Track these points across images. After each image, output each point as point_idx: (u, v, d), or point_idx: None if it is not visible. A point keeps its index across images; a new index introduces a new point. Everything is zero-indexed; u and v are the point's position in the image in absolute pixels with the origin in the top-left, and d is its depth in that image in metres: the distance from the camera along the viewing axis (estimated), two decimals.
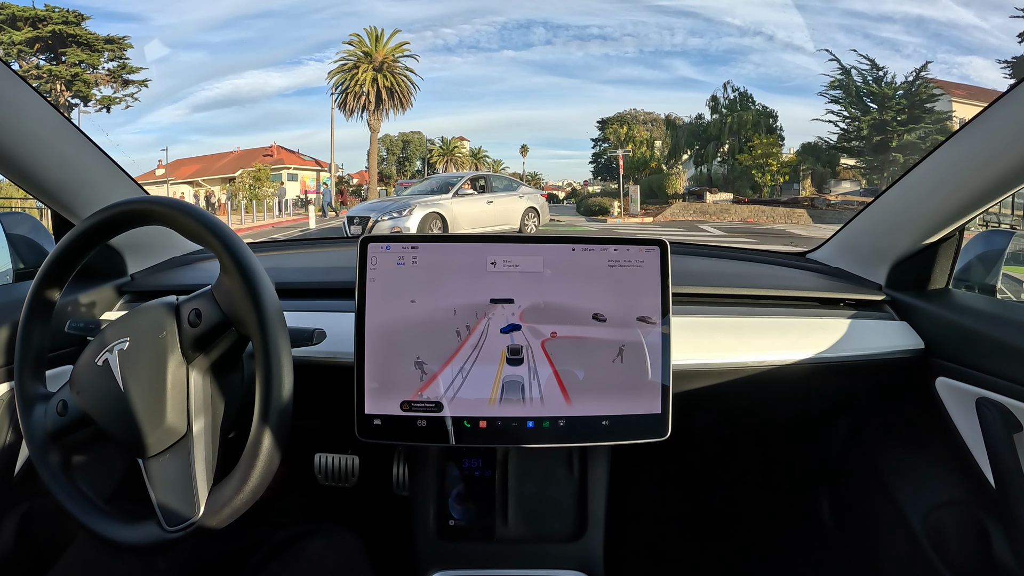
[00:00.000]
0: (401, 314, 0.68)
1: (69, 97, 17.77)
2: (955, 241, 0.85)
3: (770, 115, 20.54)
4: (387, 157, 29.68)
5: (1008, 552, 0.72)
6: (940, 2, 19.64)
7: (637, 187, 19.31)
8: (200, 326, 0.57)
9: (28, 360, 0.62)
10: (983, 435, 0.72)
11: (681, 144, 22.51)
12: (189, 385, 0.57)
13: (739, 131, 20.13)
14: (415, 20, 32.63)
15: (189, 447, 0.57)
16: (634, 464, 0.94)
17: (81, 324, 0.68)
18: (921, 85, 17.14)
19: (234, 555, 0.76)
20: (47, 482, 0.60)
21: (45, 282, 0.62)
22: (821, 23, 23.44)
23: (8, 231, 0.92)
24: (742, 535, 1.19)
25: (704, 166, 21.58)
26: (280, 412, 0.54)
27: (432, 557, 0.82)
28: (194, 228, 0.57)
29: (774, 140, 19.75)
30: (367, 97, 23.51)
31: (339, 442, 0.97)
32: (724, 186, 20.00)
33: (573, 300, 0.69)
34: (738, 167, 19.76)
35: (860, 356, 0.82)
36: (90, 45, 17.75)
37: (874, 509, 0.96)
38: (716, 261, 1.14)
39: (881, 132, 17.51)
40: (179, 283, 0.91)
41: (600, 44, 30.21)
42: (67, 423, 0.60)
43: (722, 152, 20.82)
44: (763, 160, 19.12)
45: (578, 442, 0.71)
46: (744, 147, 19.71)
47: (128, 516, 0.58)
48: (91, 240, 0.62)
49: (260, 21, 34.23)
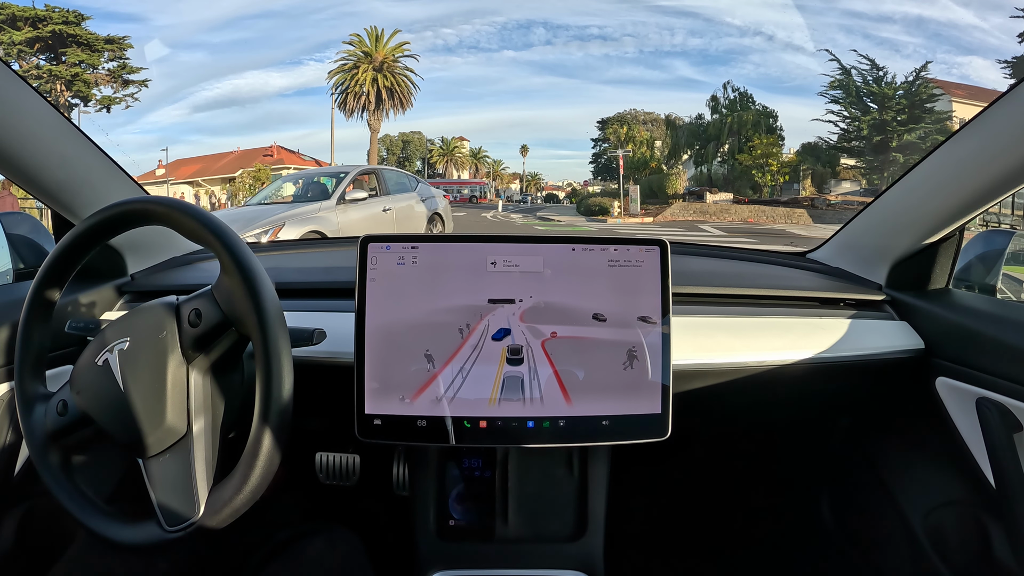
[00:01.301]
0: (401, 314, 0.68)
1: (69, 97, 17.73)
2: (955, 241, 0.85)
3: (770, 115, 20.52)
4: (387, 157, 29.65)
5: (1008, 552, 0.72)
6: (940, 2, 19.60)
7: (637, 187, 19.27)
8: (200, 326, 0.57)
9: (28, 360, 0.62)
10: (983, 435, 0.72)
11: (681, 144, 22.47)
12: (189, 385, 0.57)
13: (739, 131, 20.14)
14: (415, 20, 32.68)
15: (189, 447, 0.57)
16: (634, 464, 0.94)
17: (81, 324, 0.68)
18: (921, 85, 17.16)
19: (234, 555, 0.76)
20: (47, 482, 0.60)
21: (45, 282, 0.62)
22: (821, 23, 23.45)
23: (8, 231, 0.92)
24: (742, 535, 1.19)
25: (704, 166, 21.55)
26: (280, 412, 0.54)
27: (432, 557, 0.82)
28: (194, 228, 0.57)
29: (774, 140, 20.01)
30: (367, 97, 23.50)
31: (339, 442, 0.97)
32: (724, 186, 19.99)
33: (573, 300, 0.69)
34: (738, 167, 20.05)
35: (860, 356, 0.82)
36: (90, 45, 17.76)
37: (874, 509, 0.96)
38: (716, 261, 1.14)
39: (881, 132, 17.53)
40: (179, 283, 0.92)
41: (600, 44, 30.20)
42: (67, 423, 0.60)
43: (722, 152, 20.79)
44: (763, 160, 19.22)
45: (578, 442, 0.71)
46: (744, 147, 19.69)
47: (128, 516, 0.58)
48: (91, 240, 0.62)
49: (260, 21, 34.28)
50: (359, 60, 23.96)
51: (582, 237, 0.71)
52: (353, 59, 24.08)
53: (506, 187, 32.80)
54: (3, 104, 0.68)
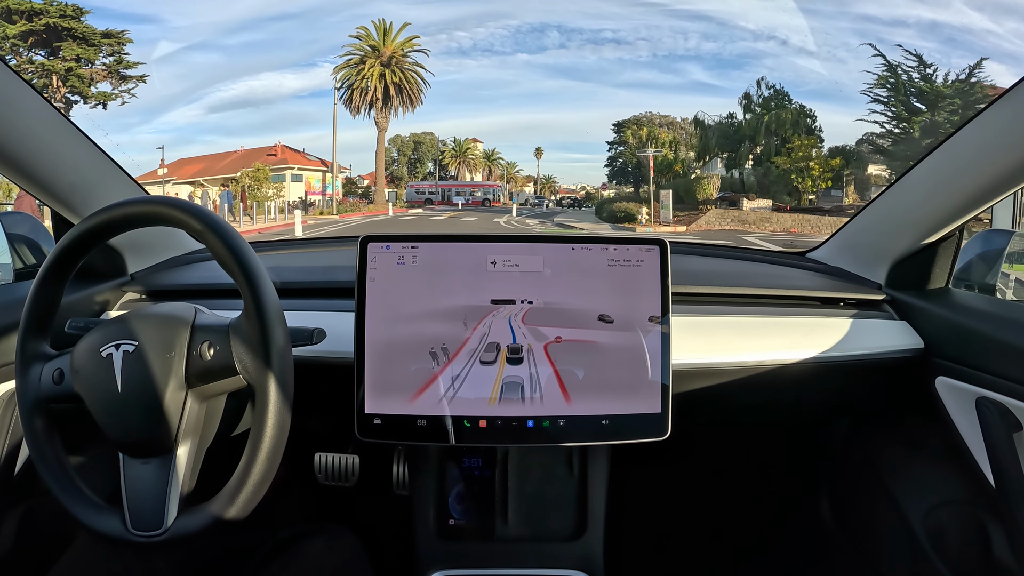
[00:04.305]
0: (401, 313, 0.68)
1: (66, 92, 17.23)
2: (955, 241, 0.85)
3: (808, 115, 18.54)
4: (398, 158, 29.06)
5: (1008, 552, 0.72)
6: (954, 6, 19.26)
7: (669, 191, 16.94)
8: (209, 361, 0.57)
9: (33, 317, 0.61)
10: (983, 435, 0.72)
11: (711, 145, 20.28)
12: (184, 409, 0.58)
13: (776, 131, 18.32)
14: (429, 23, 32.73)
15: (170, 465, 0.57)
16: (634, 463, 0.94)
17: (81, 324, 0.68)
18: (976, 85, 15.55)
19: (234, 555, 0.76)
20: (28, 444, 0.60)
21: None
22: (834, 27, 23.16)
23: (8, 231, 0.92)
24: (742, 534, 1.19)
25: (735, 169, 19.52)
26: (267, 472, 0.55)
27: (432, 557, 0.82)
28: (221, 253, 0.57)
29: (814, 142, 17.73)
30: (374, 93, 22.52)
31: (339, 441, 0.97)
32: (758, 192, 18.26)
33: (573, 299, 0.69)
34: (774, 171, 17.69)
35: (860, 356, 0.82)
36: (86, 39, 17.13)
37: (874, 509, 0.96)
38: (716, 260, 1.14)
39: (932, 135, 15.64)
40: (179, 283, 0.91)
41: (614, 48, 30.22)
42: (59, 393, 0.60)
43: (754, 154, 19.02)
44: (803, 163, 17.02)
45: (578, 441, 0.71)
46: (781, 149, 17.77)
47: (101, 503, 0.58)
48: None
49: (275, 23, 34.37)
50: (366, 55, 22.91)
51: (582, 236, 0.71)
52: (360, 53, 23.04)
53: (519, 190, 32.04)
54: (3, 103, 0.68)
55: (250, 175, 19.67)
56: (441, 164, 29.28)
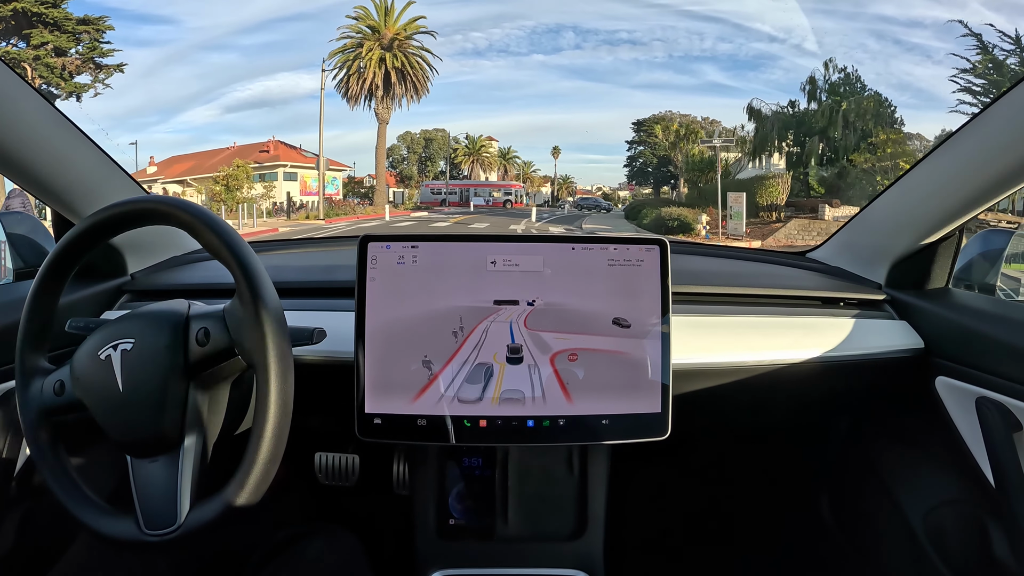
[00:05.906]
0: (401, 313, 0.68)
1: (42, 84, 15.16)
2: (955, 240, 0.85)
3: (886, 104, 14.68)
4: (408, 156, 27.70)
5: (1008, 552, 0.72)
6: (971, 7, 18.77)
7: (742, 195, 13.05)
8: (207, 347, 0.57)
9: (31, 332, 0.61)
10: (983, 435, 0.72)
11: (771, 138, 15.78)
12: (187, 401, 0.57)
13: (854, 122, 14.32)
14: (445, 24, 32.69)
15: (178, 459, 0.57)
16: (634, 463, 0.94)
17: (81, 323, 0.68)
18: None
19: (234, 555, 0.76)
20: (34, 457, 0.60)
21: (50, 275, 0.61)
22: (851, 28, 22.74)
23: (8, 231, 0.92)
24: (742, 534, 1.19)
25: (801, 168, 15.16)
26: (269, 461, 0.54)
27: (432, 556, 0.82)
28: (213, 244, 0.56)
29: (902, 136, 14.04)
30: (373, 81, 19.47)
31: (339, 441, 0.97)
32: (830, 195, 14.42)
33: (573, 299, 0.69)
34: (852, 170, 14.03)
35: (860, 355, 0.82)
36: (59, 26, 15.13)
37: (874, 509, 0.96)
38: (716, 260, 1.14)
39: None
40: (180, 282, 0.91)
41: (629, 49, 30.16)
42: (61, 404, 0.59)
43: (824, 150, 15.00)
44: (889, 162, 13.40)
45: (578, 441, 0.71)
46: (861, 144, 14.12)
47: (111, 508, 0.58)
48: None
49: (291, 24, 34.33)
50: (364, 36, 19.78)
51: (582, 236, 0.71)
52: (358, 36, 19.87)
53: (536, 190, 31.11)
54: (1, 102, 0.68)
55: (219, 179, 16.36)
56: (453, 162, 27.74)
